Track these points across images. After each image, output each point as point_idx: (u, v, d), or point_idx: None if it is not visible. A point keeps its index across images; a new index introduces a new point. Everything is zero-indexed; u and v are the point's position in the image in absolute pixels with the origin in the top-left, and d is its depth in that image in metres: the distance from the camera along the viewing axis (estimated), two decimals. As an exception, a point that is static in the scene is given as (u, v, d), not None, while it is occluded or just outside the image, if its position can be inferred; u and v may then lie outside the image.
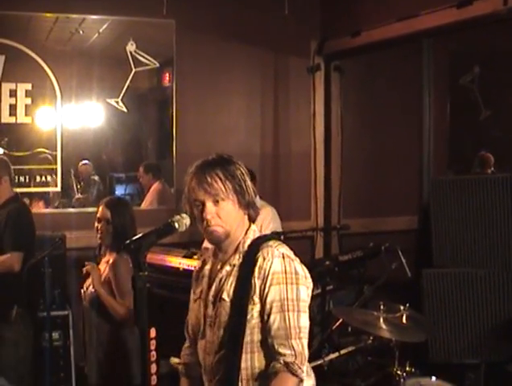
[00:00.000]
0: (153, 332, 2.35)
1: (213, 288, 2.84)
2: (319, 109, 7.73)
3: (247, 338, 2.68)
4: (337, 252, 7.08)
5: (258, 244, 2.78)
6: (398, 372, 4.39)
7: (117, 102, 7.10)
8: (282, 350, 2.64)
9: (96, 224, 4.40)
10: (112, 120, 7.19)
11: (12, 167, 5.68)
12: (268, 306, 2.66)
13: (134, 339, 4.17)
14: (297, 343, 2.64)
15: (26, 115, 6.83)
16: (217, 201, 2.72)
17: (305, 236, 7.20)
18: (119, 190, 7.41)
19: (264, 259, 2.69)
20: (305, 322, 2.68)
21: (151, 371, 2.41)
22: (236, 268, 2.78)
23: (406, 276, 5.25)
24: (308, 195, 7.79)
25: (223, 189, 2.71)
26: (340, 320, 4.96)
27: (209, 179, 2.70)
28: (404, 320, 4.47)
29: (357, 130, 7.92)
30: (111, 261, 4.30)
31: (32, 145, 6.85)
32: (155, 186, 7.40)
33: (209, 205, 2.72)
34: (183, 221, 2.63)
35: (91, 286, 4.33)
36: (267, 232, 4.92)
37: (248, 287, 2.68)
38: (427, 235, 5.57)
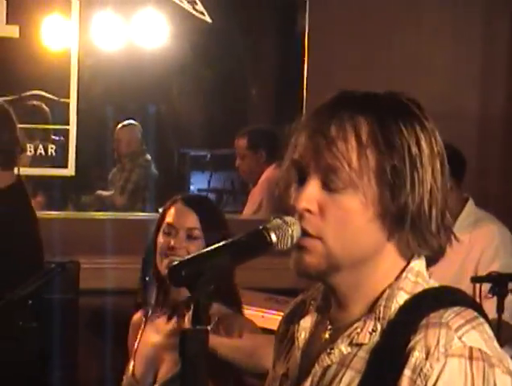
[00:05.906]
0: None
1: (309, 382, 1.50)
2: None
3: None
4: None
5: (421, 311, 1.40)
6: None
7: (192, 3, 4.37)
8: None
9: (163, 239, 2.56)
10: (181, 38, 4.45)
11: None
12: None
13: None
14: None
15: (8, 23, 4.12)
16: (330, 186, 1.36)
17: None
18: (197, 183, 4.90)
19: (427, 354, 1.36)
20: None
21: None
22: (363, 355, 1.43)
23: None
24: None
25: (353, 161, 1.35)
26: None
27: (334, 132, 1.35)
28: None
29: None
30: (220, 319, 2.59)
31: (18, 82, 4.12)
32: (269, 172, 4.70)
33: (313, 185, 1.38)
34: (288, 229, 1.35)
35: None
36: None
37: None
38: None
